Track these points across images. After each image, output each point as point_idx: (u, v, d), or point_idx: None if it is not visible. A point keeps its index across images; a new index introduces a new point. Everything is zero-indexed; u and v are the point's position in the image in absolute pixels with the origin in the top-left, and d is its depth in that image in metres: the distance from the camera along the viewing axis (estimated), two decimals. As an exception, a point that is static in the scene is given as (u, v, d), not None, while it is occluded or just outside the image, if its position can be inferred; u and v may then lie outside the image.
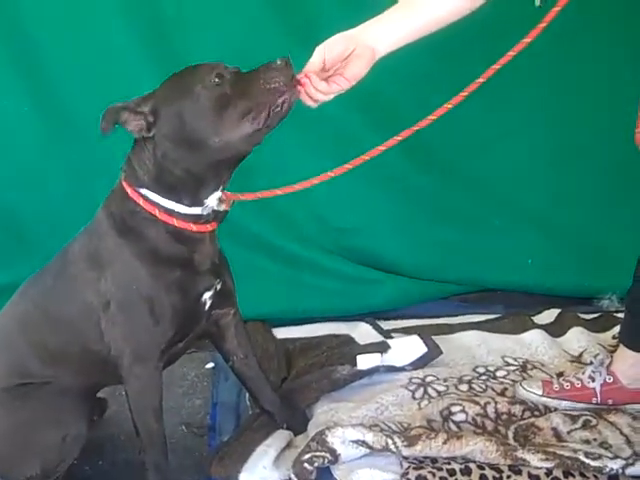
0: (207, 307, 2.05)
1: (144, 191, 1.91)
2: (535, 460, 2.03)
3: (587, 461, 2.01)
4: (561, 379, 2.35)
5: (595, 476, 2.01)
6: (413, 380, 2.46)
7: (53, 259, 2.08)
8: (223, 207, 1.97)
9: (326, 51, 1.85)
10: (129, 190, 1.92)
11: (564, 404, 2.30)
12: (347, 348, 2.60)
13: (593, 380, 2.30)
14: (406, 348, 2.56)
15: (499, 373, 2.52)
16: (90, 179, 2.85)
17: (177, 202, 1.91)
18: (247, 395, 2.39)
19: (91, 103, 2.77)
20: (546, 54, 2.66)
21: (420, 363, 2.53)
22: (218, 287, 2.05)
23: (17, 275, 2.50)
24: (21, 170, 2.92)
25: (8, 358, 2.08)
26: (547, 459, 2.02)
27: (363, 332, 2.75)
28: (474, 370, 2.53)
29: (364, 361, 2.47)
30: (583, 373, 2.33)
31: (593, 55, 2.91)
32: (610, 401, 2.29)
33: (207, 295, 2.03)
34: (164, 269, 1.93)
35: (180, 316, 1.97)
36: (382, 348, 2.55)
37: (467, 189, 3.09)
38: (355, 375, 2.46)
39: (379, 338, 2.69)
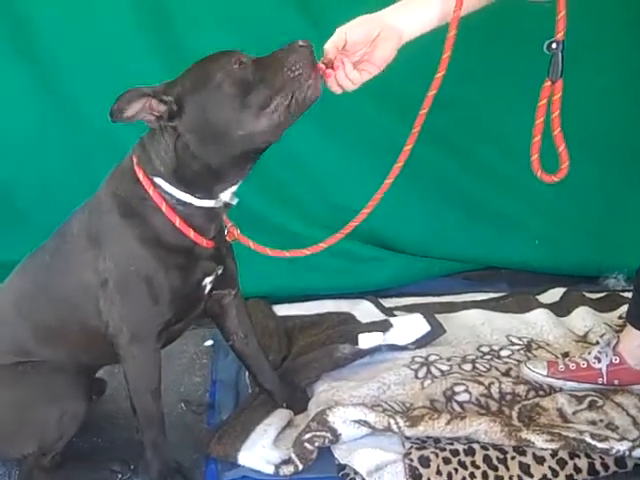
0: (207, 291, 2.02)
1: (157, 180, 1.87)
2: (540, 441, 2.00)
3: (593, 442, 1.99)
4: (566, 359, 2.32)
5: (601, 457, 1.99)
6: (416, 359, 2.43)
7: (51, 236, 2.04)
8: (235, 201, 1.94)
9: (348, 32, 1.80)
10: (141, 175, 1.88)
11: (569, 385, 2.27)
12: (349, 326, 2.57)
13: (599, 361, 2.27)
14: (409, 327, 2.53)
15: (503, 353, 2.48)
16: (89, 156, 2.84)
17: (191, 195, 1.87)
18: (247, 373, 2.36)
19: (90, 79, 2.78)
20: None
21: (423, 342, 2.50)
22: (219, 272, 2.02)
23: (15, 252, 2.47)
24: (19, 147, 2.90)
25: (6, 336, 2.06)
26: (552, 440, 2.00)
27: (365, 310, 2.71)
28: (478, 349, 2.49)
29: (366, 340, 2.44)
30: (589, 353, 2.29)
31: (611, 37, 2.85)
32: (616, 382, 2.25)
33: (207, 280, 2.00)
34: (164, 253, 1.90)
35: (178, 298, 1.94)
36: (384, 327, 2.52)
37: (472, 168, 3.04)
38: (356, 354, 2.43)
39: (381, 316, 2.65)
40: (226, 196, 1.91)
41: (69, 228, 1.99)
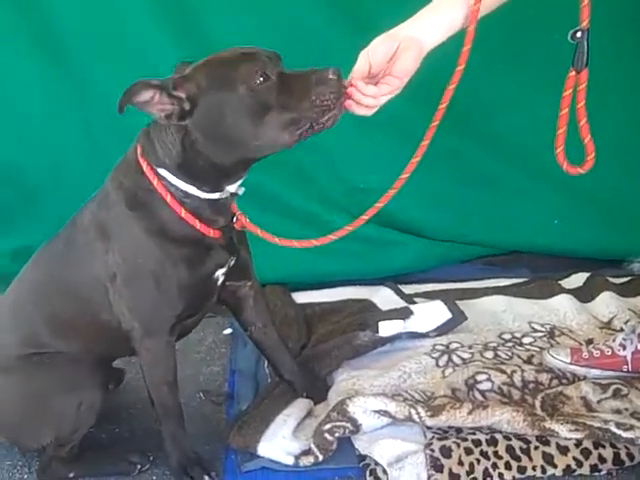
0: (220, 283, 2.00)
1: (162, 171, 1.84)
2: (564, 431, 1.96)
3: (618, 432, 1.95)
4: (590, 346, 2.28)
5: (626, 447, 1.95)
6: (437, 347, 2.40)
7: (65, 226, 2.03)
8: (242, 191, 1.92)
9: (370, 54, 1.77)
10: (145, 166, 1.85)
11: (593, 372, 2.23)
12: (368, 314, 2.55)
13: (624, 348, 2.23)
14: (429, 314, 2.50)
15: (525, 340, 2.44)
16: (105, 142, 2.81)
17: (196, 187, 1.85)
18: (266, 363, 2.34)
19: (106, 62, 2.75)
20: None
21: (444, 329, 2.48)
22: (232, 263, 1.99)
23: (31, 239, 2.47)
24: (34, 134, 2.89)
25: (21, 327, 2.05)
26: (577, 430, 1.96)
27: (385, 297, 2.68)
28: (500, 337, 2.46)
29: (386, 327, 2.42)
30: (614, 340, 2.26)
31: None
32: None
33: (220, 272, 1.97)
34: (172, 245, 1.88)
35: (189, 291, 1.92)
36: (405, 314, 2.49)
37: (492, 149, 3.00)
38: (377, 342, 2.40)
39: (401, 303, 2.62)
40: (232, 188, 1.89)
41: (80, 219, 1.97)
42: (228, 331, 2.63)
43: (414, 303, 2.63)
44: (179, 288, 1.90)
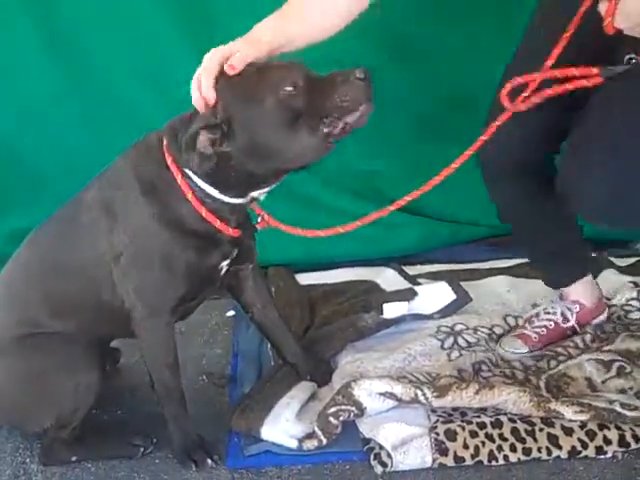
0: (223, 273, 2.00)
1: (188, 171, 1.83)
2: (570, 413, 1.95)
3: (623, 412, 1.95)
4: (530, 327, 2.32)
5: (632, 429, 1.94)
6: (442, 329, 2.39)
7: (64, 206, 2.01)
8: (263, 196, 1.92)
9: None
10: (170, 161, 1.83)
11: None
12: (373, 296, 2.54)
13: (567, 320, 2.32)
14: (434, 295, 2.49)
15: (531, 323, 2.42)
16: (104, 122, 2.80)
17: (221, 192, 1.84)
18: (269, 345, 2.33)
19: (107, 46, 2.72)
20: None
21: (448, 311, 2.46)
22: (234, 253, 1.99)
23: (32, 220, 2.44)
24: (34, 114, 2.87)
25: (17, 307, 2.04)
26: (582, 411, 1.95)
27: (389, 278, 2.67)
28: (504, 320, 2.44)
29: (391, 309, 2.41)
30: (547, 313, 2.34)
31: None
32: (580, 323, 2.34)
33: (224, 263, 1.97)
34: (183, 235, 1.87)
35: (193, 276, 1.91)
36: (409, 296, 2.48)
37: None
38: (381, 324, 2.40)
39: (406, 285, 2.62)
40: (257, 194, 1.89)
41: (84, 198, 1.95)
42: (231, 313, 2.61)
43: (418, 284, 2.62)
44: (185, 271, 1.89)
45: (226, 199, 1.85)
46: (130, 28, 2.71)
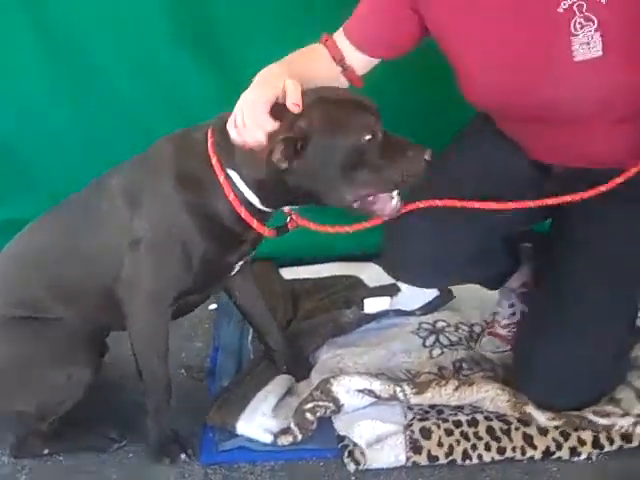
0: (234, 272, 2.01)
1: (232, 173, 1.81)
2: (542, 418, 1.94)
3: (595, 419, 1.93)
4: (499, 327, 2.32)
5: (607, 431, 1.93)
6: (423, 325, 2.39)
7: (84, 191, 1.99)
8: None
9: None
10: (214, 161, 1.81)
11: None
12: (355, 291, 2.53)
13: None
14: (417, 292, 2.46)
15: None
16: (95, 115, 2.77)
17: (261, 202, 1.83)
18: (249, 339, 2.33)
19: (106, 46, 2.70)
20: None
21: (430, 307, 2.46)
22: (251, 255, 2.02)
23: (20, 211, 2.44)
24: (24, 106, 2.84)
25: (17, 288, 2.01)
26: (554, 418, 1.94)
27: (373, 274, 2.65)
28: (482, 318, 2.42)
29: (372, 305, 2.41)
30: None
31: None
32: None
33: (240, 263, 1.98)
34: (210, 226, 1.85)
35: (208, 270, 1.90)
36: (392, 291, 2.48)
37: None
38: (362, 319, 2.40)
39: (390, 280, 2.58)
40: (287, 209, 1.91)
41: (106, 184, 1.93)
42: (213, 306, 2.60)
43: (402, 280, 2.59)
44: (201, 264, 1.87)
45: (260, 206, 1.84)
46: (130, 28, 2.67)
